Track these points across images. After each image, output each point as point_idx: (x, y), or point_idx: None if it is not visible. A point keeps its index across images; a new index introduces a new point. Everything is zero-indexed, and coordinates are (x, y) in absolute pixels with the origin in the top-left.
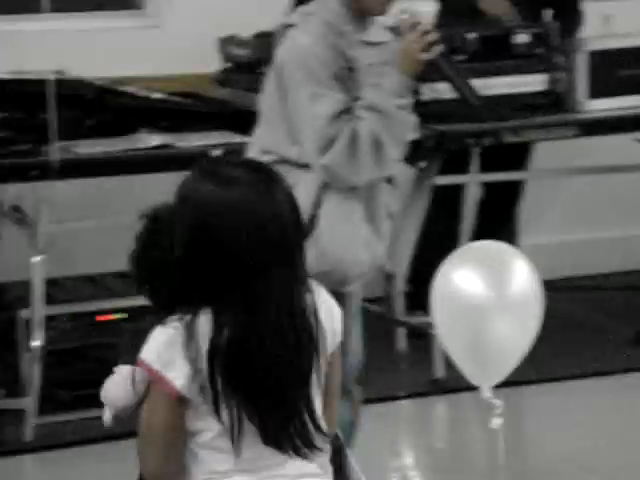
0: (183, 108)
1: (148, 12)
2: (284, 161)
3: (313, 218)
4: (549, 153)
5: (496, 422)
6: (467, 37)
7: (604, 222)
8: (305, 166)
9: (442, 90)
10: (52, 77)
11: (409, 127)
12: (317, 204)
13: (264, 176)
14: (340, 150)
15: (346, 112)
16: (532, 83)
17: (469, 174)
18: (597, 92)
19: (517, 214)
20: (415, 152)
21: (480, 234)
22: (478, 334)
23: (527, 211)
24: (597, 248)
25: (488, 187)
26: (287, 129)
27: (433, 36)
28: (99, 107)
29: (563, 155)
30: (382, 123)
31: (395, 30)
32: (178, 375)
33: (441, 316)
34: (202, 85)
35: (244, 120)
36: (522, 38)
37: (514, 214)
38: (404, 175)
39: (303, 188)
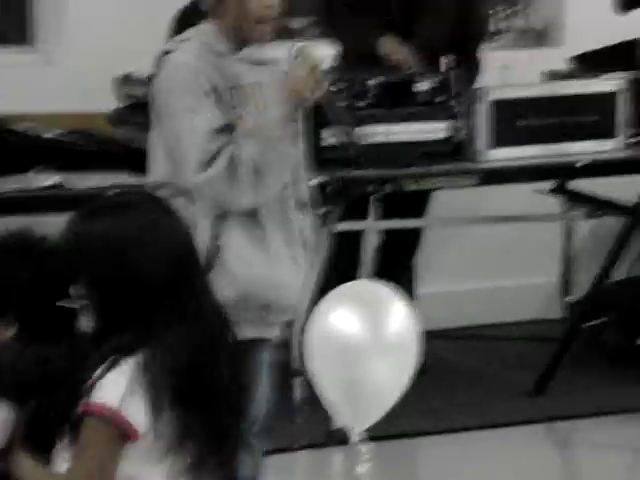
0: (77, 147)
1: (39, 48)
2: (177, 192)
3: (215, 249)
4: (448, 201)
5: (361, 469)
6: (369, 83)
7: (502, 271)
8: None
9: (342, 134)
10: None
11: (290, 157)
12: (216, 235)
13: (151, 202)
14: (217, 171)
15: (225, 130)
16: (433, 131)
17: (368, 221)
18: (497, 141)
19: (415, 262)
20: (316, 198)
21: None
22: (352, 375)
23: (425, 259)
24: (495, 297)
25: (387, 234)
26: (167, 156)
27: (318, 75)
28: None
29: (462, 203)
30: (263, 152)
31: (290, 62)
32: (138, 414)
33: (315, 357)
34: (96, 124)
35: (139, 160)
36: (424, 85)
37: (412, 261)
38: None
39: (199, 220)
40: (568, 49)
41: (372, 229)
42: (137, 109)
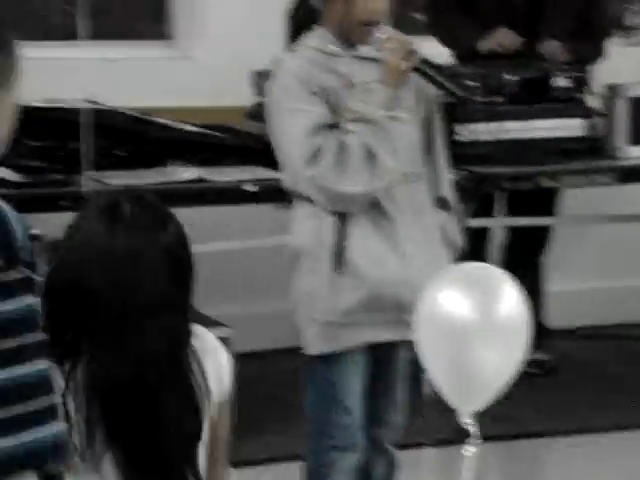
0: (215, 141)
1: (179, 43)
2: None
3: (341, 250)
4: (581, 198)
5: (469, 450)
6: (505, 79)
7: (633, 271)
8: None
9: (479, 131)
10: (86, 106)
11: (401, 136)
12: (341, 235)
13: (149, 216)
14: (328, 162)
15: (329, 127)
16: (570, 127)
17: (501, 217)
18: (636, 139)
19: (543, 260)
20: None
21: None
22: (461, 357)
23: (556, 256)
24: (626, 296)
25: (513, 232)
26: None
27: (409, 45)
28: (131, 137)
29: (595, 200)
30: (374, 134)
31: (378, 46)
32: None
33: (424, 337)
34: (233, 118)
35: (274, 155)
36: (560, 82)
37: (540, 259)
38: None
39: (322, 220)
40: None
41: (499, 226)
42: None
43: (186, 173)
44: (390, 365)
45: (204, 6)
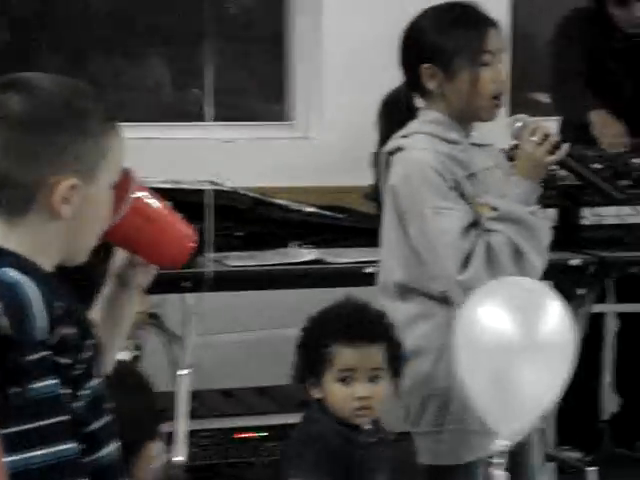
0: (334, 222)
1: (297, 124)
2: (423, 294)
3: None
4: None
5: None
6: (631, 162)
7: None
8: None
9: (604, 215)
10: (210, 188)
11: (547, 233)
12: None
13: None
14: (478, 266)
15: (473, 225)
16: None
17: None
18: None
19: None
20: (575, 278)
21: (621, 366)
22: (503, 376)
23: None
24: None
25: (623, 320)
26: (408, 256)
27: (555, 137)
28: (251, 219)
29: None
30: (519, 232)
31: (514, 135)
32: None
33: (464, 354)
34: (352, 199)
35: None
36: None
37: None
38: None
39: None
40: None
41: (612, 313)
42: None
43: (306, 254)
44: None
45: (322, 88)
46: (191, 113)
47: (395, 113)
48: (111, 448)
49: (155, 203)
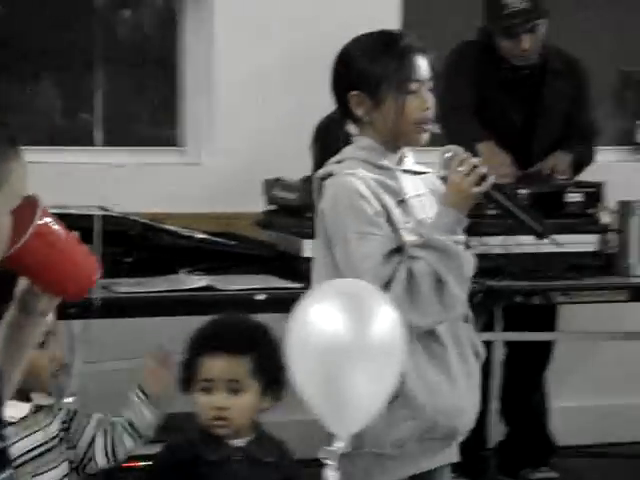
0: (225, 249)
1: (189, 150)
2: None
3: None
4: (581, 314)
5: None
6: (519, 193)
7: (637, 389)
8: None
9: (491, 244)
10: (99, 213)
11: (470, 264)
12: None
13: None
14: (398, 292)
15: (397, 251)
16: (583, 243)
17: (503, 332)
18: None
19: (545, 376)
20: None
21: (507, 394)
22: (331, 378)
23: (561, 372)
24: (631, 414)
25: (510, 348)
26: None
27: (482, 169)
28: (141, 245)
29: (595, 317)
30: (441, 260)
31: (444, 165)
32: None
33: (296, 355)
34: (243, 226)
35: (287, 264)
36: (574, 197)
37: (542, 377)
38: None
39: None
40: None
41: (500, 340)
42: (285, 213)
43: (196, 281)
44: None
45: (213, 114)
46: (81, 138)
47: (328, 139)
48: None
49: (60, 232)
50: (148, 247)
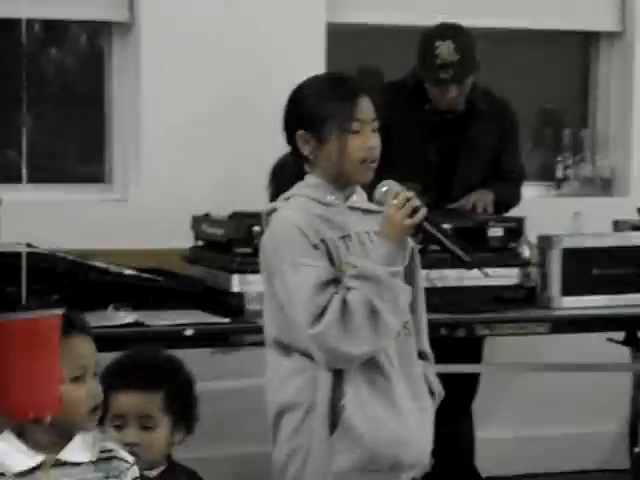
0: (153, 285)
1: (115, 186)
2: (296, 350)
3: (338, 410)
4: (512, 346)
5: None
6: (442, 227)
7: (569, 419)
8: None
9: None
10: (25, 250)
11: (404, 294)
12: (338, 394)
13: None
14: (331, 321)
15: (333, 282)
16: (505, 277)
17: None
18: (569, 290)
19: (472, 407)
20: None
21: (434, 426)
22: None
23: (489, 404)
24: (560, 445)
25: (440, 379)
26: (277, 313)
27: (415, 202)
28: (69, 281)
29: (527, 349)
30: (376, 291)
31: (381, 199)
32: None
33: None
34: (172, 261)
35: (216, 299)
36: (496, 231)
37: (470, 407)
38: None
39: (318, 379)
40: (635, 198)
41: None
42: (213, 248)
43: (124, 317)
44: None
45: (140, 150)
46: (9, 175)
47: (282, 178)
48: None
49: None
50: (76, 283)
